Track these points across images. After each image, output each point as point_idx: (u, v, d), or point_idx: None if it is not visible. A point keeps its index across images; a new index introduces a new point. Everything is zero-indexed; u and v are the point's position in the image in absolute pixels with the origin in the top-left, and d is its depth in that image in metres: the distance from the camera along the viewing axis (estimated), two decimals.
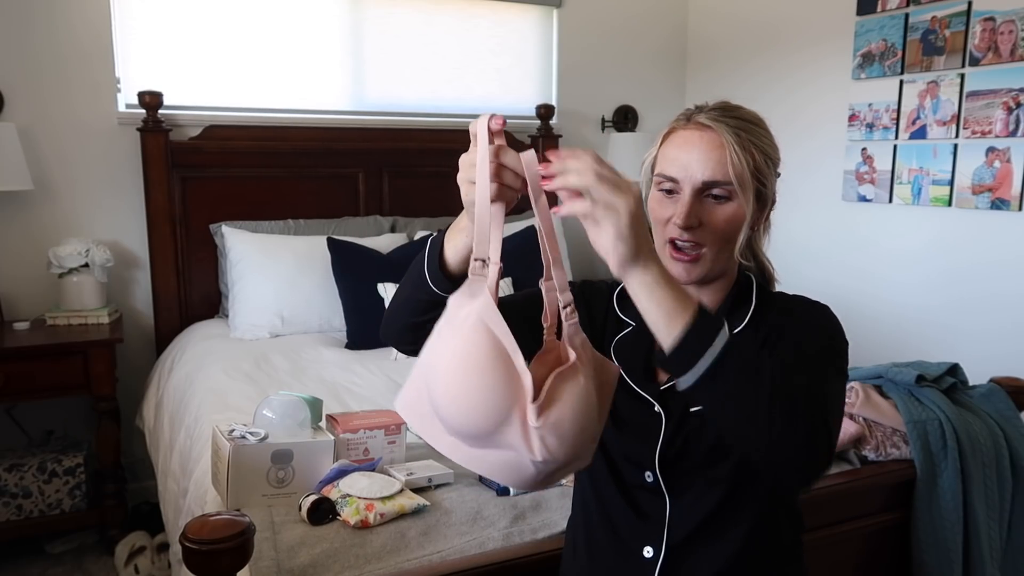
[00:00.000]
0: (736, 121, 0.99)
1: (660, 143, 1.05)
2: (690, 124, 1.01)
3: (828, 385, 0.90)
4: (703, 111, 1.02)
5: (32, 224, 2.75)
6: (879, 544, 1.69)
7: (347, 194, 3.14)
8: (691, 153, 0.99)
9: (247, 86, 3.02)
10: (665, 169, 1.01)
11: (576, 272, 3.47)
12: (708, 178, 0.98)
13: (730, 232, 0.99)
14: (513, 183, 0.82)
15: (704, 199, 0.99)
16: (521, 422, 0.76)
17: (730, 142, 0.97)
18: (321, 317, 2.78)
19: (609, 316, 1.14)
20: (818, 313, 1.03)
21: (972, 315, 2.65)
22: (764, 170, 1.00)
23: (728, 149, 0.97)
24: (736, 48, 3.58)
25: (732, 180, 0.97)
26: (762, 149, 1.00)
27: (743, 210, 0.99)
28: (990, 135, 2.55)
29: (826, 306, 1.04)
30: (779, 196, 1.10)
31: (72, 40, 2.73)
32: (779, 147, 1.05)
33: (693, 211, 0.98)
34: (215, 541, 1.04)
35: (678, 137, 1.02)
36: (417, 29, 3.29)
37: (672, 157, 1.01)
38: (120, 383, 2.68)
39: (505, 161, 0.81)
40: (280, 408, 1.48)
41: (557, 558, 1.22)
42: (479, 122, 0.80)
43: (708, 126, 0.99)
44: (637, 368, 1.08)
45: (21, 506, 2.53)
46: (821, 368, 0.93)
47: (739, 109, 1.03)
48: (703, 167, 0.98)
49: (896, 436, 1.69)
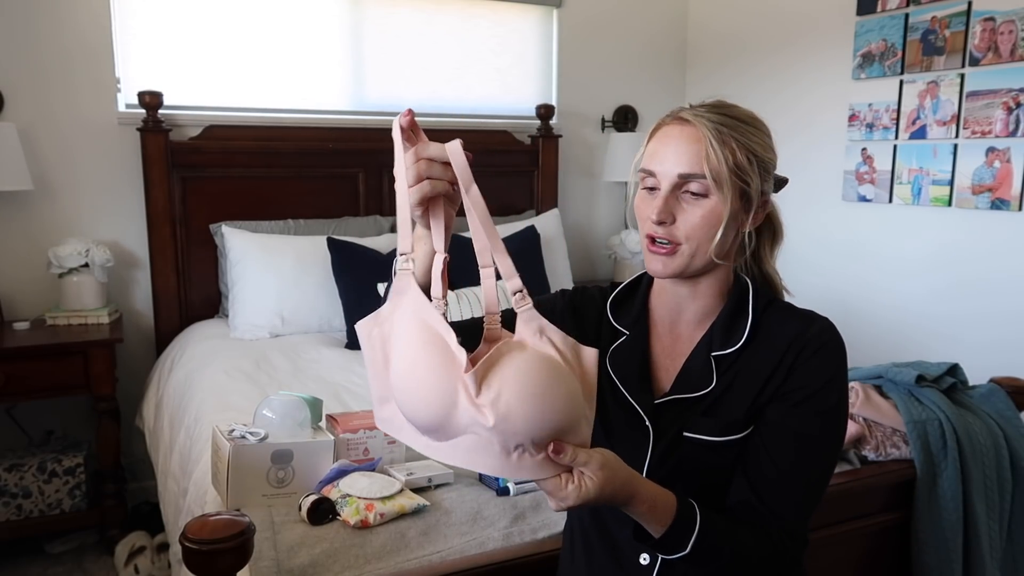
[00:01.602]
0: (721, 117, 0.98)
1: (647, 140, 1.04)
2: (674, 120, 1.01)
3: (815, 489, 1.00)
4: (693, 108, 1.01)
5: (32, 224, 2.75)
6: (879, 544, 1.69)
7: (347, 194, 3.14)
8: (668, 147, 0.98)
9: (247, 86, 3.02)
10: (647, 164, 1.01)
11: (576, 275, 3.48)
12: (683, 171, 0.96)
13: (707, 229, 0.97)
14: (442, 175, 0.82)
15: (682, 195, 0.98)
16: (467, 397, 0.77)
17: (707, 136, 0.96)
18: (321, 317, 2.78)
19: (603, 324, 1.12)
20: (829, 357, 0.99)
21: (972, 315, 2.65)
22: (745, 168, 0.97)
23: (705, 143, 0.96)
24: (736, 48, 3.58)
25: (706, 174, 0.95)
26: (746, 146, 0.97)
27: (720, 208, 0.96)
28: (990, 135, 2.55)
29: (834, 333, 1.01)
30: (778, 199, 1.09)
31: (72, 40, 2.73)
32: (777, 148, 1.03)
33: (667, 206, 0.98)
34: (215, 541, 1.03)
35: (661, 132, 1.01)
36: (417, 29, 3.29)
37: (652, 152, 1.01)
38: (120, 383, 2.68)
39: (428, 154, 0.82)
40: (280, 408, 1.48)
41: (557, 558, 1.22)
42: (393, 124, 0.83)
43: (688, 121, 0.98)
44: (632, 377, 1.06)
45: (21, 506, 2.52)
46: (817, 463, 1.00)
47: (731, 107, 1.01)
48: (679, 161, 0.97)
49: (896, 436, 1.69)
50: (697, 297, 1.04)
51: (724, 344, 1.01)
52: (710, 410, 1.01)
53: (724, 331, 1.02)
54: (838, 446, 1.03)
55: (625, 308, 1.12)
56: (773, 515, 0.97)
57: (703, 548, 0.92)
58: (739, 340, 1.01)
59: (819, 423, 0.98)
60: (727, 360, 1.01)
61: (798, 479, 0.98)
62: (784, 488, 0.98)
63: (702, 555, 0.92)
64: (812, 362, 0.98)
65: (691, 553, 0.91)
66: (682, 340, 1.06)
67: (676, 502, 0.91)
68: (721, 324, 1.03)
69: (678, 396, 1.03)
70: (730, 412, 1.00)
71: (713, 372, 1.01)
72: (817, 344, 0.99)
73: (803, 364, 0.98)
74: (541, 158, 3.48)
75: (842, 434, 1.03)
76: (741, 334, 1.01)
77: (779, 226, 1.11)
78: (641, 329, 1.09)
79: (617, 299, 1.13)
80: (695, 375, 1.03)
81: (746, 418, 0.99)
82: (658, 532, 0.91)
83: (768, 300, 1.05)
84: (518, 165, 3.46)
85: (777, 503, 0.97)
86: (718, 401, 1.01)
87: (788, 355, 0.99)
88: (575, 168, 3.71)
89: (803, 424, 0.98)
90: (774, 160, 1.03)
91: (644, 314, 1.10)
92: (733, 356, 1.01)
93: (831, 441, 1.01)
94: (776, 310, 1.04)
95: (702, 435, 1.00)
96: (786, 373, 0.98)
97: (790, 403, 0.98)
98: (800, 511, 0.99)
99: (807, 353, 0.98)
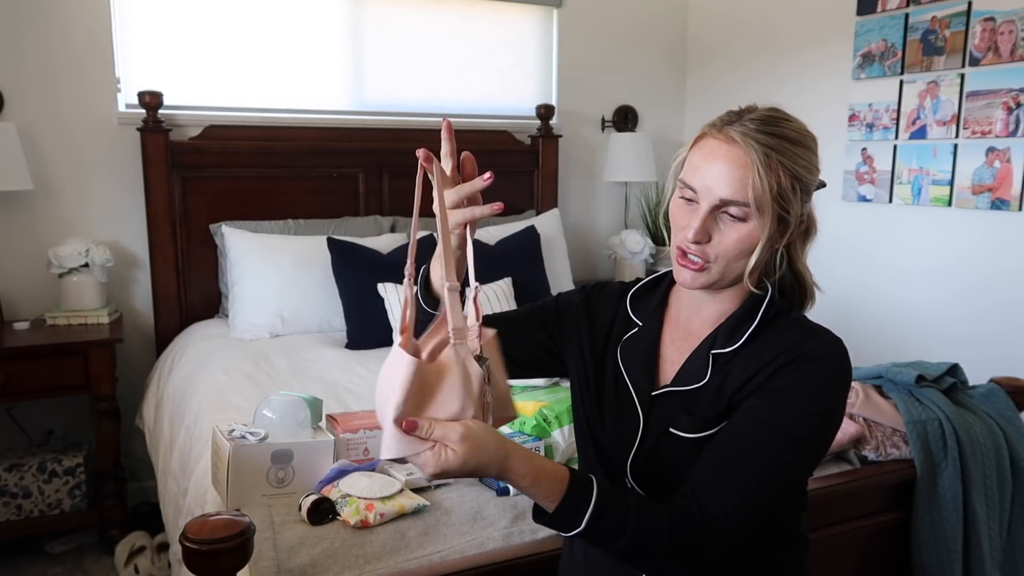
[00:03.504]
0: (770, 139, 0.93)
1: (691, 145, 1.01)
2: (720, 134, 0.96)
3: (750, 490, 0.94)
4: (742, 119, 0.96)
5: (32, 224, 2.75)
6: (879, 544, 1.69)
7: (347, 194, 3.14)
8: (713, 166, 0.95)
9: (247, 86, 3.02)
10: (688, 177, 0.98)
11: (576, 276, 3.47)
12: (726, 196, 0.94)
13: (740, 251, 0.96)
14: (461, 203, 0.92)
15: (720, 215, 0.96)
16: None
17: (756, 162, 0.92)
18: (321, 317, 2.78)
19: (618, 316, 1.14)
20: (818, 371, 0.95)
21: (972, 315, 2.65)
22: (788, 195, 0.94)
23: (752, 170, 0.92)
24: (736, 48, 3.58)
25: (750, 202, 0.93)
26: (792, 171, 0.94)
27: (757, 233, 0.95)
28: (990, 135, 2.55)
29: (834, 351, 0.96)
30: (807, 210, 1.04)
31: (72, 40, 2.73)
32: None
33: (705, 226, 0.96)
34: (215, 541, 1.03)
35: (706, 146, 0.97)
36: (417, 29, 3.29)
37: (695, 166, 0.97)
38: (120, 383, 2.68)
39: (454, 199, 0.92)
40: (280, 408, 1.47)
41: (556, 558, 1.22)
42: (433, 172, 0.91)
43: (737, 141, 0.94)
44: (637, 367, 1.08)
45: (21, 506, 2.53)
46: (758, 463, 0.94)
47: (782, 123, 0.96)
48: (723, 184, 0.94)
49: (896, 436, 1.69)
50: (717, 301, 1.04)
51: (724, 343, 1.01)
52: (695, 407, 1.01)
53: (728, 331, 1.02)
54: (791, 462, 0.95)
55: (644, 302, 1.13)
56: (696, 502, 0.93)
57: (601, 526, 0.89)
58: (738, 341, 1.01)
59: (777, 422, 0.93)
60: (723, 359, 1.01)
61: (731, 471, 0.94)
62: (716, 477, 0.94)
63: (601, 534, 0.89)
64: (799, 371, 0.95)
65: (587, 531, 0.88)
66: (692, 337, 1.06)
67: (569, 476, 0.89)
68: (727, 325, 1.03)
69: (673, 389, 1.03)
70: (710, 409, 0.99)
71: (709, 368, 1.01)
72: (811, 355, 0.95)
73: (789, 370, 0.95)
74: (541, 158, 3.48)
75: (800, 457, 0.95)
76: (742, 335, 1.01)
77: (813, 223, 1.07)
78: (655, 322, 1.10)
79: (638, 293, 1.14)
80: (692, 370, 1.03)
81: (720, 415, 0.98)
82: (551, 508, 0.89)
83: (782, 311, 1.02)
84: (518, 165, 3.46)
85: (706, 491, 0.93)
86: (703, 398, 1.01)
87: (778, 359, 0.96)
88: (575, 168, 3.71)
89: (759, 415, 0.94)
90: (817, 179, 0.99)
91: (661, 309, 1.11)
92: (729, 355, 1.01)
93: (784, 451, 0.93)
94: (786, 320, 1.01)
95: (682, 432, 1.00)
96: (768, 375, 0.96)
97: (758, 396, 0.96)
98: (728, 508, 0.92)
99: (799, 362, 0.95)
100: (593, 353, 1.13)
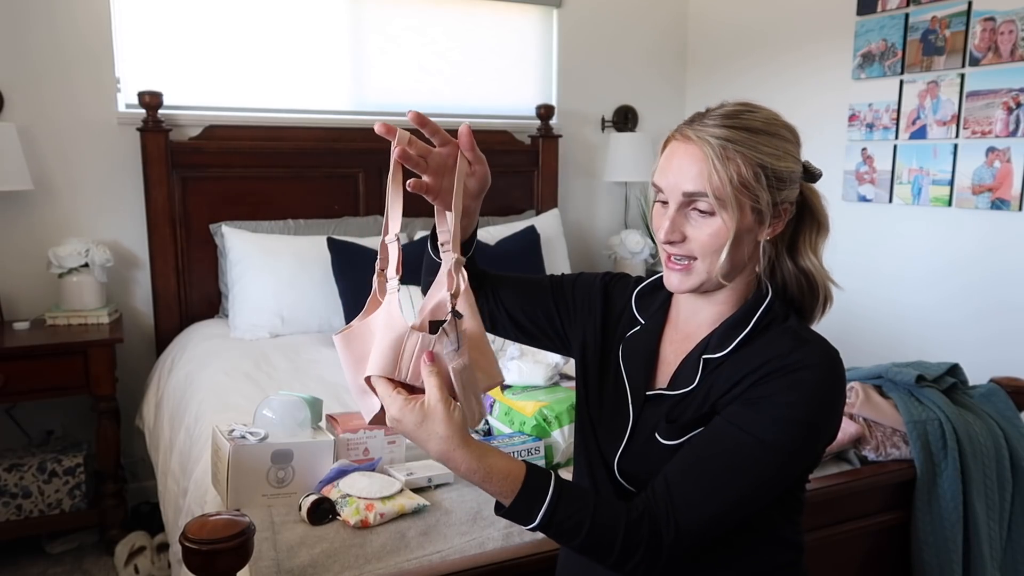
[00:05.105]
0: (727, 131, 0.94)
1: (660, 152, 1.02)
2: (680, 134, 0.99)
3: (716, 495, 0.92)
4: (703, 118, 0.97)
5: (32, 224, 2.75)
6: (879, 544, 1.69)
7: (347, 194, 3.14)
8: (673, 164, 0.97)
9: (247, 86, 3.02)
10: (657, 180, 1.00)
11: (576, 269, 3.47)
12: (688, 189, 0.95)
13: (717, 247, 0.96)
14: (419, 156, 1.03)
15: (689, 212, 0.97)
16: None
17: (710, 155, 0.93)
18: (321, 317, 2.78)
19: (625, 312, 1.14)
20: (802, 381, 0.92)
21: (972, 315, 2.65)
22: (752, 184, 0.93)
23: (708, 163, 0.93)
24: (736, 48, 3.58)
25: (709, 193, 0.93)
26: (755, 160, 0.93)
27: (727, 226, 0.95)
28: (990, 135, 2.55)
29: (823, 360, 0.94)
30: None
31: (72, 40, 2.73)
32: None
33: (676, 225, 0.97)
34: (215, 541, 1.04)
35: (669, 147, 1.00)
36: (417, 29, 3.29)
37: (661, 167, 1.00)
38: (120, 383, 2.68)
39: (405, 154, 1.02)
40: (280, 408, 1.48)
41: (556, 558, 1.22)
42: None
43: (692, 138, 0.96)
44: (634, 367, 1.08)
45: (21, 506, 2.53)
46: (729, 467, 0.92)
47: (745, 115, 0.96)
48: (684, 179, 0.95)
49: (896, 436, 1.69)
50: (713, 303, 1.04)
51: (716, 348, 1.01)
52: (680, 414, 1.00)
53: (721, 336, 1.01)
54: (766, 470, 0.92)
55: (649, 301, 1.14)
56: (662, 501, 0.92)
57: (556, 522, 0.89)
58: (729, 346, 1.00)
59: (755, 429, 0.92)
60: (713, 364, 1.00)
61: (702, 473, 0.92)
62: (686, 478, 0.93)
63: (555, 529, 0.90)
64: (783, 380, 0.93)
65: (541, 526, 0.89)
66: (690, 339, 1.06)
67: (524, 475, 0.90)
68: (721, 329, 1.02)
69: (665, 392, 1.03)
70: (694, 413, 0.99)
71: (699, 373, 1.01)
72: (797, 365, 0.93)
73: (773, 379, 0.93)
74: (541, 158, 3.48)
75: (777, 467, 0.93)
76: (733, 341, 1.00)
77: (823, 217, 1.06)
78: (657, 322, 1.10)
79: (644, 291, 1.14)
80: (684, 375, 1.03)
81: (701, 419, 0.98)
82: (507, 503, 0.90)
83: (777, 317, 1.01)
84: (518, 165, 3.46)
85: (672, 491, 0.92)
86: (690, 403, 1.00)
87: (763, 368, 0.94)
88: (575, 168, 3.71)
89: (738, 420, 0.93)
90: (793, 167, 0.98)
91: (664, 309, 1.11)
92: (719, 361, 1.00)
93: (759, 459, 0.91)
94: (779, 328, 1.00)
95: (663, 439, 0.99)
96: (751, 383, 0.95)
97: (739, 402, 0.95)
98: (693, 510, 0.91)
99: (784, 371, 0.93)
100: (602, 340, 1.14)
